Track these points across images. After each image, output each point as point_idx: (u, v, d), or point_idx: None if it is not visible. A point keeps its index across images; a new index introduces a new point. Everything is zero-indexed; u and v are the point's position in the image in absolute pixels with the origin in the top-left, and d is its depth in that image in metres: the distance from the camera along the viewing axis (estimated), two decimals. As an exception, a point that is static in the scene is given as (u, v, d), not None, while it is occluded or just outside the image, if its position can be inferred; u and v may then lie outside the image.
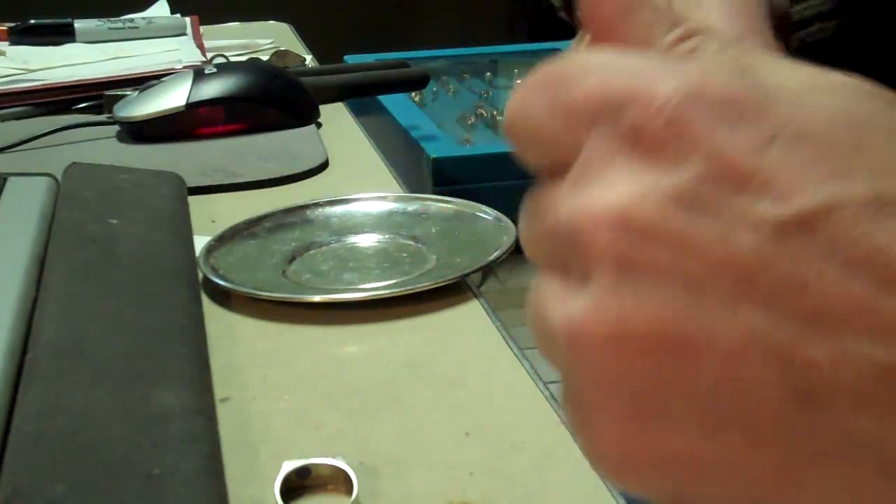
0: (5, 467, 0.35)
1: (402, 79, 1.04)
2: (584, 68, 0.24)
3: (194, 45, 1.08)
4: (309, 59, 1.10)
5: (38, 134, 0.81)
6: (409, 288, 0.54)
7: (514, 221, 0.52)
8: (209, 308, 0.54)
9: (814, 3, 0.47)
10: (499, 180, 1.78)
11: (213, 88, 0.84)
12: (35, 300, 0.47)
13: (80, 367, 0.41)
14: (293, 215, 0.65)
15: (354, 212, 0.65)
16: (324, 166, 0.77)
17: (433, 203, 0.65)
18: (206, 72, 0.85)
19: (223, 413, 0.43)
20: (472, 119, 2.51)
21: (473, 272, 0.56)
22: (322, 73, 1.00)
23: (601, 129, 0.23)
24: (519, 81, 2.64)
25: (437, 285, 0.54)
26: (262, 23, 1.33)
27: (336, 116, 0.91)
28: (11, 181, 0.61)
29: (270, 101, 0.86)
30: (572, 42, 0.31)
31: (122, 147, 0.83)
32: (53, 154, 0.79)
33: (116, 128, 0.85)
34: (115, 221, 0.56)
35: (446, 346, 0.51)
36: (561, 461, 0.41)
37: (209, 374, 0.44)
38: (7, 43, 1.08)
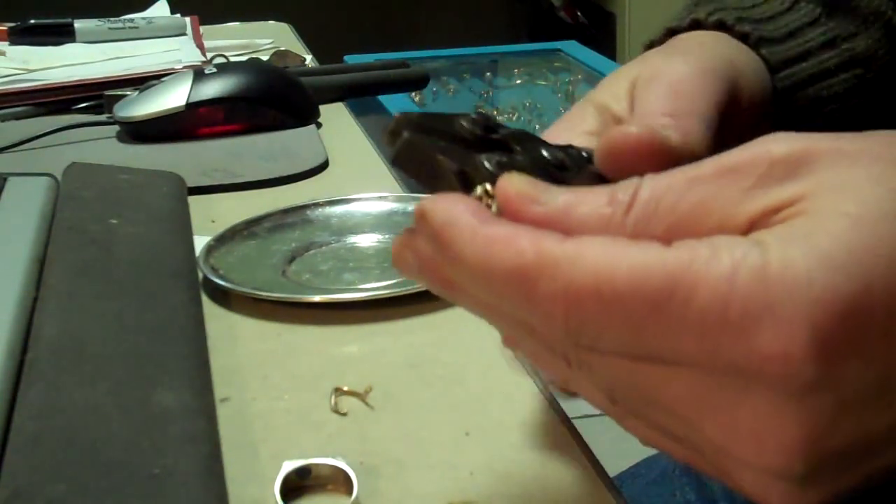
0: (5, 467, 0.35)
1: (402, 79, 1.04)
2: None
3: (194, 45, 1.08)
4: (309, 59, 1.10)
5: (38, 134, 0.81)
6: (409, 288, 0.54)
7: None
8: (209, 308, 0.54)
9: (820, 59, 0.47)
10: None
11: (213, 88, 0.84)
12: (35, 300, 0.47)
13: (80, 367, 0.41)
14: (293, 215, 0.65)
15: (354, 212, 0.65)
16: (324, 166, 0.77)
17: (433, 203, 0.65)
18: (206, 72, 0.85)
19: (223, 413, 0.43)
20: (472, 119, 2.51)
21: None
22: (322, 73, 1.00)
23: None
24: (518, 81, 2.64)
25: (437, 285, 0.54)
26: (261, 23, 1.33)
27: (336, 116, 0.91)
28: (11, 181, 0.61)
29: (270, 101, 0.86)
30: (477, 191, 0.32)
31: (122, 147, 0.83)
32: (53, 154, 0.79)
33: (116, 128, 0.85)
34: (115, 221, 0.56)
35: (446, 346, 0.51)
36: (561, 461, 0.41)
37: (209, 374, 0.44)
38: (7, 43, 1.08)
